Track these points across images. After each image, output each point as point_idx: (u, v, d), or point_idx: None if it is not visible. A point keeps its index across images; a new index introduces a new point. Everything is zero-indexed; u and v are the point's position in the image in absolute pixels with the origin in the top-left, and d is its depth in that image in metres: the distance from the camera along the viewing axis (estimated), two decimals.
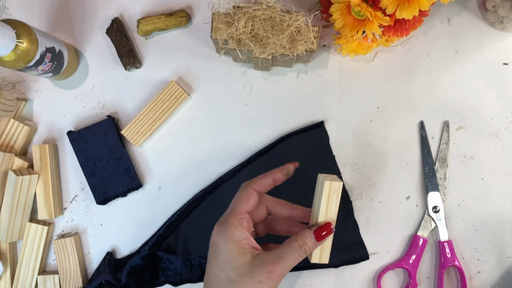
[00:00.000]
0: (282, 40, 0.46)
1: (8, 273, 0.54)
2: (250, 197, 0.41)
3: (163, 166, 0.56)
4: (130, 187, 0.54)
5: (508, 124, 0.54)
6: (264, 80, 0.56)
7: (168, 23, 0.55)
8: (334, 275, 0.54)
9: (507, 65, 0.54)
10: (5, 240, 0.53)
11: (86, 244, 0.56)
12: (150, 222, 0.56)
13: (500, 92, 0.54)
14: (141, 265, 0.54)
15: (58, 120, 0.57)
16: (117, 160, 0.54)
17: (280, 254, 0.38)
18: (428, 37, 0.55)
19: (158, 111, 0.54)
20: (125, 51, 0.55)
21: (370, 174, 0.54)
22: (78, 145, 0.55)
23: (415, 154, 0.54)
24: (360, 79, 0.55)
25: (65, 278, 0.54)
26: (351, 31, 0.47)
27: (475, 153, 0.54)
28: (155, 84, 0.56)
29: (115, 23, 0.56)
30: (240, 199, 0.41)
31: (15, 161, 0.54)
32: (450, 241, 0.52)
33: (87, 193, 0.56)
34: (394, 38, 0.49)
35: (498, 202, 0.53)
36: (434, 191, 0.53)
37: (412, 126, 0.54)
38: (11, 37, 0.44)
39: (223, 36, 0.47)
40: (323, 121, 0.54)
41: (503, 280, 0.53)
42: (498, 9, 0.51)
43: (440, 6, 0.55)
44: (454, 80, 0.54)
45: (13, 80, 0.57)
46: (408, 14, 0.43)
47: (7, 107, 0.53)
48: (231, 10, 0.47)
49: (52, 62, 0.50)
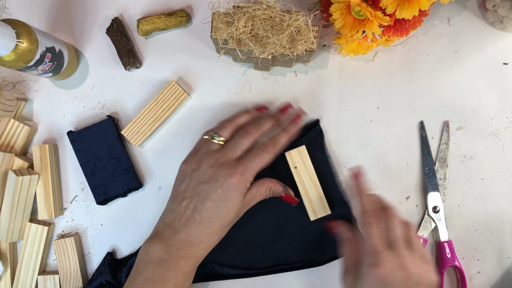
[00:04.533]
0: (282, 40, 0.46)
1: (8, 273, 0.54)
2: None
3: (163, 166, 0.56)
4: (130, 187, 0.54)
5: (508, 124, 0.54)
6: (264, 80, 0.56)
7: (168, 23, 0.55)
8: (334, 275, 0.54)
9: (507, 65, 0.54)
10: (5, 240, 0.53)
11: (86, 244, 0.56)
12: (150, 222, 0.56)
13: (500, 92, 0.54)
14: None
15: (58, 120, 0.57)
16: (117, 160, 0.54)
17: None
18: (428, 37, 0.55)
19: (158, 111, 0.54)
20: (125, 51, 0.55)
21: (370, 174, 0.54)
22: (78, 145, 0.55)
23: (415, 154, 0.54)
24: (360, 79, 0.55)
25: (65, 278, 0.54)
26: (351, 31, 0.47)
27: (475, 153, 0.54)
28: (155, 84, 0.56)
29: (115, 23, 0.56)
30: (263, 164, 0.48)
31: (15, 161, 0.54)
32: (450, 241, 0.52)
33: (87, 193, 0.56)
34: (394, 38, 0.49)
35: (498, 202, 0.53)
36: (434, 191, 0.53)
37: (412, 126, 0.54)
38: (11, 37, 0.44)
39: (223, 36, 0.47)
40: (318, 120, 0.54)
41: (503, 280, 0.53)
42: (498, 9, 0.51)
43: (440, 6, 0.55)
44: (454, 80, 0.54)
45: (13, 80, 0.57)
46: (408, 14, 0.43)
47: (7, 107, 0.53)
48: (231, 10, 0.47)
49: (52, 62, 0.50)
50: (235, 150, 0.47)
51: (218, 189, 0.45)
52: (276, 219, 0.54)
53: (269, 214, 0.54)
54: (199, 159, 0.47)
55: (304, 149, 0.51)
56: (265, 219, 0.53)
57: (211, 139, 0.49)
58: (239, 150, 0.48)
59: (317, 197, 0.51)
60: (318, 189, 0.51)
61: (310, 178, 0.51)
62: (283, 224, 0.54)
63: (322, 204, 0.51)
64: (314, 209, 0.51)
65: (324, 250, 0.53)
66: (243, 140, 0.48)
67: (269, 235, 0.54)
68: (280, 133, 0.50)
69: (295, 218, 0.53)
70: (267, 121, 0.50)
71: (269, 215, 0.54)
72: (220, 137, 0.49)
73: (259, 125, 0.49)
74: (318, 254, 0.53)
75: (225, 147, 0.48)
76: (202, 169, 0.46)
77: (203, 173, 0.46)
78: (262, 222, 0.53)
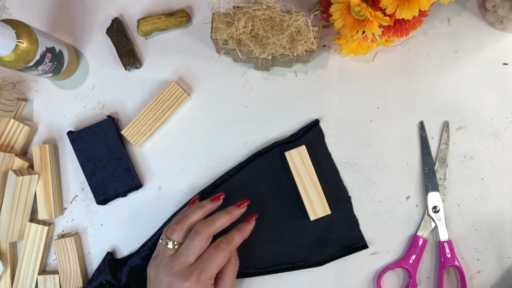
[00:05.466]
0: (282, 40, 0.46)
1: (8, 273, 0.54)
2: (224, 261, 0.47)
3: (163, 166, 0.56)
4: (130, 187, 0.54)
5: (508, 124, 0.54)
6: (264, 80, 0.56)
7: (168, 23, 0.55)
8: (334, 275, 0.54)
9: (507, 65, 0.54)
10: (5, 240, 0.53)
11: (86, 244, 0.56)
12: (150, 222, 0.56)
13: (500, 92, 0.54)
14: (142, 265, 0.54)
15: (58, 120, 0.57)
16: (117, 160, 0.54)
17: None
18: (428, 37, 0.55)
19: (158, 111, 0.54)
20: (125, 51, 0.55)
21: (370, 174, 0.54)
22: (78, 145, 0.55)
23: (415, 154, 0.54)
24: (360, 79, 0.55)
25: (65, 278, 0.54)
26: (351, 31, 0.47)
27: (475, 153, 0.54)
28: (155, 84, 0.56)
29: (115, 23, 0.56)
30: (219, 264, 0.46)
31: (15, 161, 0.54)
32: (450, 241, 0.52)
33: (87, 193, 0.56)
34: (394, 38, 0.49)
35: (498, 202, 0.53)
36: (434, 191, 0.53)
37: (412, 126, 0.54)
38: (11, 37, 0.44)
39: (223, 36, 0.48)
40: (318, 120, 0.54)
41: (503, 280, 0.53)
42: (498, 9, 0.51)
43: (440, 6, 0.55)
44: (454, 80, 0.54)
45: (13, 80, 0.57)
46: (408, 14, 0.43)
47: (7, 107, 0.53)
48: (231, 10, 0.47)
49: (52, 62, 0.50)
50: (188, 255, 0.45)
51: None
52: (276, 218, 0.54)
53: (269, 214, 0.54)
54: (157, 266, 0.46)
55: (304, 149, 0.51)
56: (265, 219, 0.53)
57: (165, 245, 0.47)
58: (192, 254, 0.45)
59: (317, 197, 0.51)
60: (318, 188, 0.51)
61: (310, 178, 0.51)
62: (283, 224, 0.54)
63: (322, 204, 0.51)
64: (314, 209, 0.51)
65: (324, 250, 0.53)
66: (195, 242, 0.45)
67: (269, 235, 0.54)
68: (234, 232, 0.48)
69: (295, 218, 0.53)
70: (220, 217, 0.48)
71: (269, 214, 0.54)
72: (174, 241, 0.47)
73: (212, 222, 0.47)
74: (318, 254, 0.53)
75: (178, 253, 0.46)
76: (159, 277, 0.45)
77: (161, 282, 0.45)
78: (262, 222, 0.53)
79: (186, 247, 0.46)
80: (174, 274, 0.44)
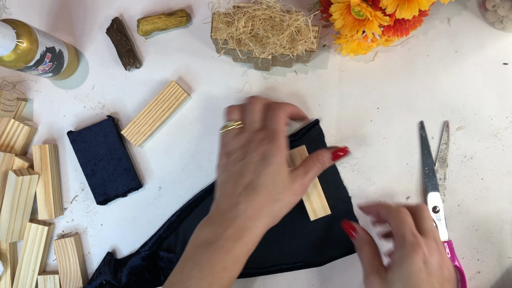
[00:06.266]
0: (282, 40, 0.46)
1: (8, 273, 0.54)
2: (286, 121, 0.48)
3: (163, 166, 0.56)
4: (130, 187, 0.54)
5: (508, 124, 0.54)
6: (264, 80, 0.56)
7: (168, 23, 0.55)
8: (334, 275, 0.54)
9: (507, 65, 0.54)
10: (5, 240, 0.53)
11: (86, 244, 0.56)
12: (150, 222, 0.56)
13: (500, 92, 0.54)
14: (142, 265, 0.54)
15: (58, 120, 0.57)
16: (117, 160, 0.54)
17: (306, 169, 0.47)
18: (428, 37, 0.55)
19: (158, 111, 0.54)
20: (125, 51, 0.55)
21: (370, 174, 0.54)
22: (78, 145, 0.55)
23: (415, 154, 0.54)
24: (360, 79, 0.55)
25: (65, 278, 0.54)
26: (351, 31, 0.47)
27: (475, 153, 0.54)
28: (155, 84, 0.56)
29: (115, 23, 0.56)
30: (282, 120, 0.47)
31: (15, 161, 0.54)
32: (450, 241, 0.52)
33: (87, 193, 0.56)
34: (394, 38, 0.49)
35: (498, 202, 0.53)
36: (434, 191, 0.53)
37: (412, 126, 0.54)
38: (11, 37, 0.44)
39: (223, 36, 0.48)
40: (318, 120, 0.54)
41: (503, 280, 0.53)
42: (498, 9, 0.51)
43: (440, 6, 0.55)
44: (454, 80, 0.54)
45: (13, 80, 0.57)
46: (408, 14, 0.43)
47: (7, 107, 0.53)
48: (231, 10, 0.47)
49: (52, 62, 0.50)
50: (254, 121, 0.47)
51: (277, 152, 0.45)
52: None
53: None
54: (240, 142, 0.46)
55: (304, 149, 0.51)
56: None
57: (227, 128, 0.48)
58: (257, 116, 0.47)
59: (317, 197, 0.51)
60: (318, 189, 0.51)
61: None
62: (283, 224, 0.53)
63: (322, 204, 0.51)
64: (314, 209, 0.51)
65: (324, 250, 0.53)
66: (254, 106, 0.48)
67: (269, 235, 0.53)
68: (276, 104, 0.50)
69: (295, 218, 0.53)
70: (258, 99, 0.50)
71: None
72: (235, 122, 0.48)
73: (255, 97, 0.49)
74: (318, 254, 0.53)
75: (245, 126, 0.47)
76: (252, 145, 0.45)
77: (255, 147, 0.45)
78: None
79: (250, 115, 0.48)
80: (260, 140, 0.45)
